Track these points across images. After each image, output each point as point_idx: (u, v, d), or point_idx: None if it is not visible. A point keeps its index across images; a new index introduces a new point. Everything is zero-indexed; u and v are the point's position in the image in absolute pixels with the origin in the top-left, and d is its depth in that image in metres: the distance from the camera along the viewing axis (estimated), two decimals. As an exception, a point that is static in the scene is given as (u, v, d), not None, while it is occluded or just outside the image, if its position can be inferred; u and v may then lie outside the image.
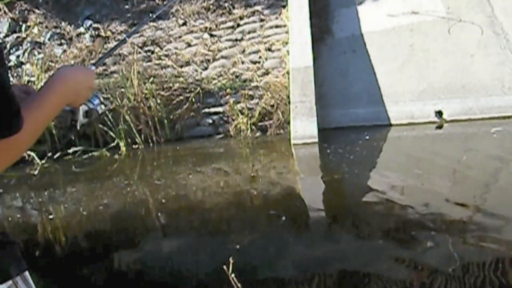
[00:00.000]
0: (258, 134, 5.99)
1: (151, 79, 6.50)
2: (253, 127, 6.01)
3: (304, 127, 5.28)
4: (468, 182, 3.80)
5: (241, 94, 6.20)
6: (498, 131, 4.69)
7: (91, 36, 7.99)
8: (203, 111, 6.37)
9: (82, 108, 1.15)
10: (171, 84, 6.48)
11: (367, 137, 5.14)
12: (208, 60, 6.99)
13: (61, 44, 7.99)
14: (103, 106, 1.19)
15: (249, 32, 7.23)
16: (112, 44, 7.83)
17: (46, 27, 8.36)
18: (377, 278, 2.36)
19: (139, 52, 7.31)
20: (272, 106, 5.99)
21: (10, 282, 0.88)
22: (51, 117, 0.94)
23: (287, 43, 6.56)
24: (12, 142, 0.76)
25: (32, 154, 5.74)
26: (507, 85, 5.29)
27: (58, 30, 8.31)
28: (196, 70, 6.82)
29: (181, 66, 6.94)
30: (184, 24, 7.83)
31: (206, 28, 7.55)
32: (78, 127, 1.18)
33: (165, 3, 7.43)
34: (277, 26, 7.12)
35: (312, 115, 5.32)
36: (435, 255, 2.53)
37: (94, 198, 4.35)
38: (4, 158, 0.80)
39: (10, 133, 0.75)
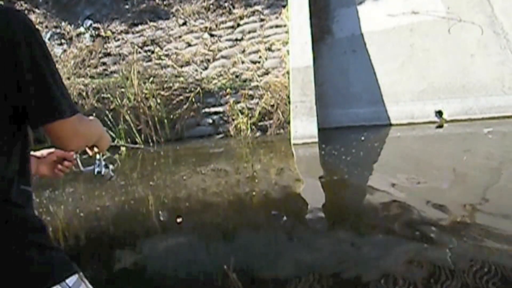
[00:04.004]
0: (258, 134, 5.98)
1: (151, 79, 6.50)
2: (253, 127, 6.01)
3: (304, 127, 5.27)
4: (468, 181, 3.80)
5: (241, 94, 6.20)
6: (490, 131, 4.69)
7: (91, 36, 7.99)
8: (203, 111, 6.37)
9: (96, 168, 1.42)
10: (171, 84, 6.48)
11: (367, 137, 5.14)
12: (208, 60, 6.98)
13: (61, 44, 7.99)
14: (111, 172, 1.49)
15: (249, 32, 7.22)
16: (113, 44, 7.82)
17: (46, 27, 8.36)
18: (377, 277, 2.36)
19: (139, 52, 7.31)
20: (272, 106, 5.99)
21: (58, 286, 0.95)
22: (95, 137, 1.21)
23: (287, 43, 6.56)
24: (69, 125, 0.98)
25: (32, 154, 5.73)
26: (507, 85, 5.29)
27: (58, 30, 8.31)
28: (196, 70, 6.81)
29: (181, 66, 6.93)
30: (184, 24, 7.83)
31: (206, 28, 7.54)
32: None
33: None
34: (277, 26, 7.12)
35: (312, 115, 5.32)
36: (435, 253, 2.53)
37: (94, 198, 4.35)
38: (72, 134, 1.00)
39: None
